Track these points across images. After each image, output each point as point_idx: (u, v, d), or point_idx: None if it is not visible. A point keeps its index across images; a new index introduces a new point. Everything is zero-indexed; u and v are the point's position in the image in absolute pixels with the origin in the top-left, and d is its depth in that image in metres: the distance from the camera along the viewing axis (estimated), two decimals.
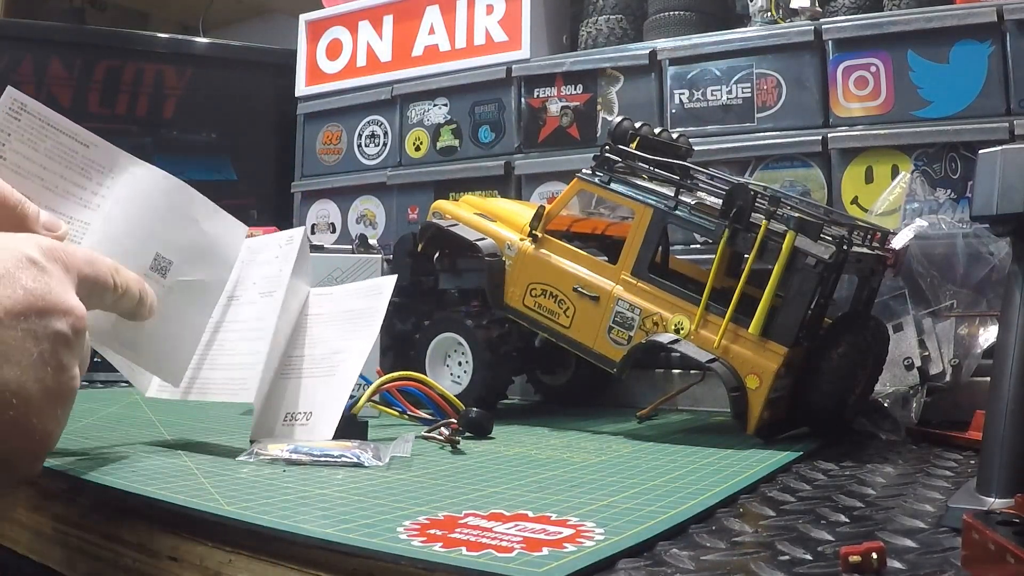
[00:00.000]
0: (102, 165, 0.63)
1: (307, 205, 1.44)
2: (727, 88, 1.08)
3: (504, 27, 1.26)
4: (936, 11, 0.96)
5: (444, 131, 1.30)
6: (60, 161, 0.61)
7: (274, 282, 0.70)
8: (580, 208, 0.93)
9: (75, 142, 0.62)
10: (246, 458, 0.60)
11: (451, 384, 0.89)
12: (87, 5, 2.01)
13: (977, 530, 0.36)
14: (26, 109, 0.59)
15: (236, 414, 0.89)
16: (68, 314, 0.47)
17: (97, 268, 0.53)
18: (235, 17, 2.04)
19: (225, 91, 1.53)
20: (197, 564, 0.46)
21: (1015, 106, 0.92)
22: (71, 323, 0.47)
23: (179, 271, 0.64)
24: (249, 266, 0.71)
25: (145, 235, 0.63)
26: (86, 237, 0.61)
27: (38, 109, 0.60)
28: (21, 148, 0.59)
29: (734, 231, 0.74)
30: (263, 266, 0.72)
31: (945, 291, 0.83)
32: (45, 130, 0.60)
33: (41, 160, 0.60)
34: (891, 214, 0.91)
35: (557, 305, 0.83)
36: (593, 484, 0.55)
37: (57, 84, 1.43)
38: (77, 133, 0.62)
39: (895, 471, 0.62)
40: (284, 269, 0.71)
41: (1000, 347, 0.49)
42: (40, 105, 0.60)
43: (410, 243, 0.98)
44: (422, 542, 0.40)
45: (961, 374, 0.80)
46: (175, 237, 0.64)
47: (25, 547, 0.57)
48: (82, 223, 0.61)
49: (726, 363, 0.72)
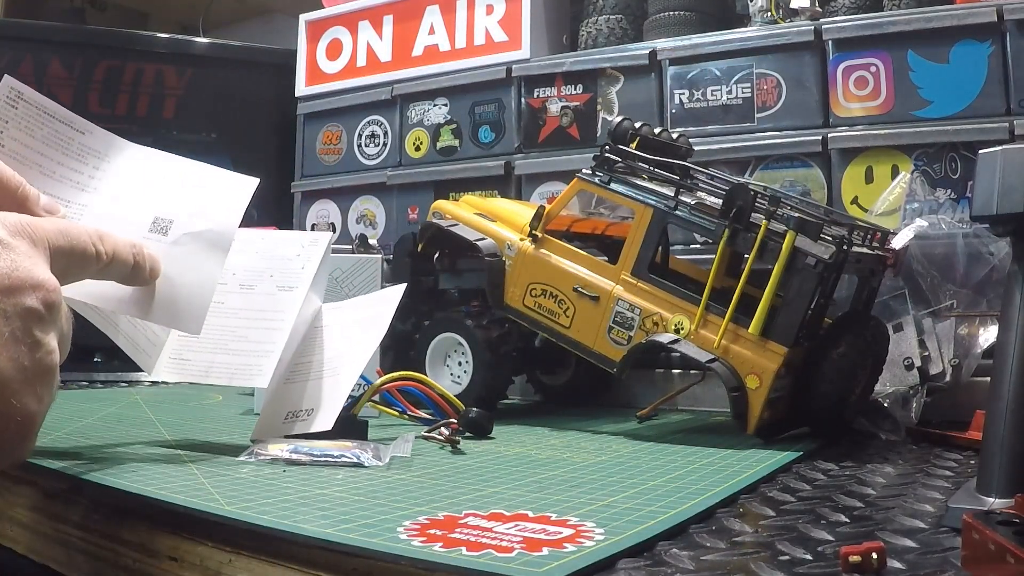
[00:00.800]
0: (97, 151, 0.63)
1: (307, 205, 1.44)
2: (727, 88, 1.08)
3: (504, 27, 1.26)
4: (936, 11, 0.96)
5: (444, 131, 1.30)
6: (57, 148, 0.61)
7: (294, 278, 0.71)
8: (580, 208, 0.93)
9: (71, 129, 0.62)
10: (246, 458, 0.60)
11: (451, 384, 0.89)
12: (87, 5, 2.01)
13: (977, 530, 0.36)
14: (23, 97, 0.60)
15: (236, 414, 0.89)
16: (38, 288, 0.46)
17: (73, 238, 0.52)
18: (235, 17, 2.04)
19: (225, 91, 1.53)
20: (197, 564, 0.46)
21: (1015, 106, 0.92)
22: (42, 298, 0.46)
23: (182, 226, 0.63)
24: (268, 259, 0.72)
25: (141, 201, 0.63)
26: (84, 217, 0.61)
27: (35, 97, 0.60)
28: (19, 135, 0.60)
29: (734, 231, 0.74)
30: (282, 260, 0.72)
31: (945, 291, 0.83)
32: (41, 118, 0.61)
33: (39, 147, 0.60)
34: (891, 214, 0.91)
35: (557, 305, 0.83)
36: (593, 484, 0.55)
37: (57, 84, 1.43)
38: (73, 120, 0.62)
39: (895, 471, 0.62)
40: (307, 268, 0.71)
41: (1000, 347, 0.49)
42: (36, 93, 0.60)
43: (410, 243, 0.98)
44: (422, 542, 0.40)
45: (961, 374, 0.80)
46: (173, 198, 0.64)
47: (25, 547, 0.57)
48: (80, 205, 0.62)
49: (726, 363, 0.72)
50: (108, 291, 0.60)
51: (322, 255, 0.72)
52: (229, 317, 0.70)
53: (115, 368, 1.27)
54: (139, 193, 0.63)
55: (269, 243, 0.72)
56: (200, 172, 0.66)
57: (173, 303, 0.62)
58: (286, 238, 0.74)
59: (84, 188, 0.62)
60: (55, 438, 0.69)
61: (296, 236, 0.75)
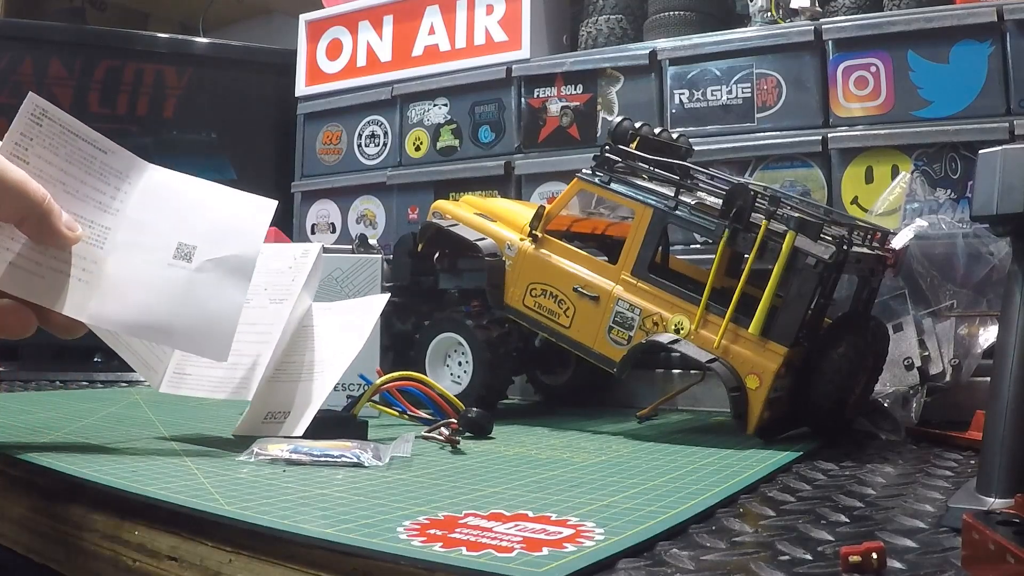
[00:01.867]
0: (119, 171, 0.64)
1: (307, 205, 1.44)
2: (727, 88, 1.08)
3: (504, 27, 1.26)
4: (936, 11, 0.96)
5: (444, 131, 1.30)
6: (80, 166, 0.62)
7: (285, 291, 0.72)
8: (580, 208, 0.93)
9: (94, 148, 0.63)
10: (246, 458, 0.60)
11: (451, 384, 0.89)
12: (87, 5, 2.01)
13: (977, 530, 0.36)
14: (47, 115, 0.60)
15: (236, 414, 0.89)
16: None
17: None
18: (235, 17, 2.04)
19: (225, 91, 1.53)
20: (197, 564, 0.46)
21: (1015, 106, 0.92)
22: None
23: (205, 252, 0.64)
24: (262, 272, 0.73)
25: (164, 228, 0.64)
26: (107, 242, 0.62)
27: (58, 115, 0.61)
28: (43, 153, 0.60)
29: (734, 231, 0.74)
30: (276, 274, 0.73)
31: (945, 291, 0.83)
32: (65, 136, 0.61)
33: (62, 165, 0.61)
34: (891, 214, 0.91)
35: (557, 305, 0.83)
36: (593, 484, 0.55)
37: (57, 84, 1.42)
38: (96, 140, 0.63)
39: (895, 471, 0.62)
40: (296, 280, 0.72)
41: (1000, 347, 0.49)
42: (61, 111, 0.61)
43: (410, 243, 0.98)
44: (422, 542, 0.40)
45: (961, 374, 0.80)
46: (195, 223, 0.65)
47: (25, 547, 0.57)
48: (103, 228, 0.63)
49: (726, 363, 0.72)
50: (133, 319, 0.62)
51: (311, 267, 0.73)
52: None
53: (115, 368, 1.27)
54: (162, 218, 0.64)
55: (263, 257, 0.72)
56: (221, 195, 0.68)
57: (199, 330, 0.64)
58: (279, 251, 0.75)
59: (106, 209, 0.63)
60: (55, 438, 0.69)
61: (288, 249, 0.76)
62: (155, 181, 0.65)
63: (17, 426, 0.75)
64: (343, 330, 0.73)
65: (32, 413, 0.85)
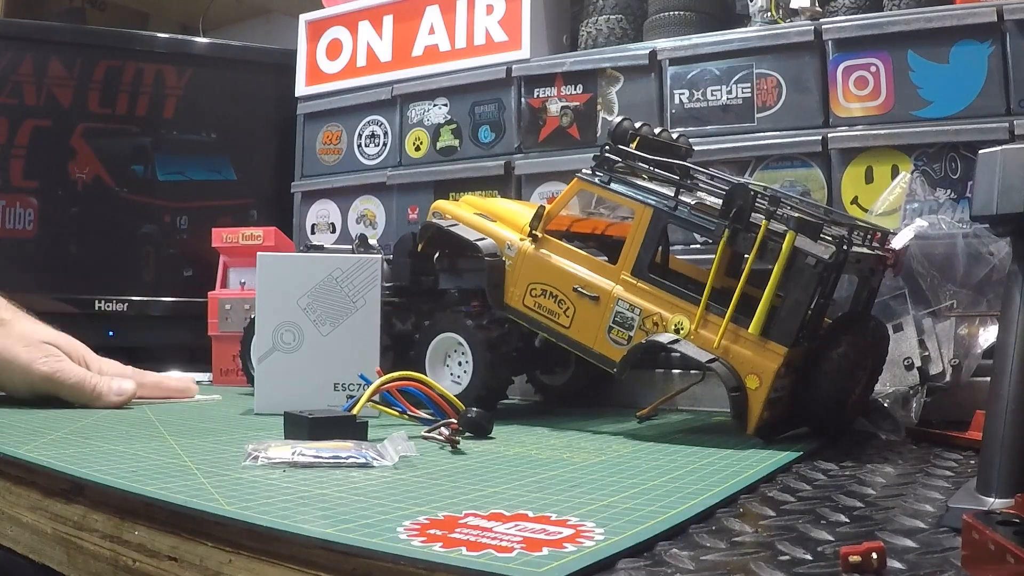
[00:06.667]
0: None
1: (307, 205, 1.44)
2: (727, 88, 1.08)
3: (504, 27, 1.26)
4: (936, 11, 0.96)
5: (444, 131, 1.30)
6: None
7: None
8: (580, 208, 0.93)
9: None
10: (250, 463, 0.60)
11: (451, 384, 0.89)
12: (87, 5, 2.01)
13: (977, 530, 0.36)
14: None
15: (236, 414, 0.89)
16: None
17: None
18: (235, 17, 2.04)
19: (225, 91, 1.53)
20: (197, 564, 0.46)
21: (1015, 106, 0.92)
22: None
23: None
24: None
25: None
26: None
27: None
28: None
29: (734, 231, 0.74)
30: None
31: (945, 291, 0.83)
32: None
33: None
34: (891, 214, 0.91)
35: (557, 305, 0.83)
36: (593, 484, 0.55)
37: (57, 84, 1.43)
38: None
39: (895, 471, 0.62)
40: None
41: (1000, 347, 0.49)
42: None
43: (410, 243, 0.98)
44: (422, 542, 0.40)
45: (961, 374, 0.80)
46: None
47: (25, 547, 0.57)
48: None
49: (726, 363, 0.72)
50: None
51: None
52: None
53: None
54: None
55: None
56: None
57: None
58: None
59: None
60: (55, 438, 0.69)
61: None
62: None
63: (17, 426, 0.75)
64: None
65: (32, 413, 0.85)
